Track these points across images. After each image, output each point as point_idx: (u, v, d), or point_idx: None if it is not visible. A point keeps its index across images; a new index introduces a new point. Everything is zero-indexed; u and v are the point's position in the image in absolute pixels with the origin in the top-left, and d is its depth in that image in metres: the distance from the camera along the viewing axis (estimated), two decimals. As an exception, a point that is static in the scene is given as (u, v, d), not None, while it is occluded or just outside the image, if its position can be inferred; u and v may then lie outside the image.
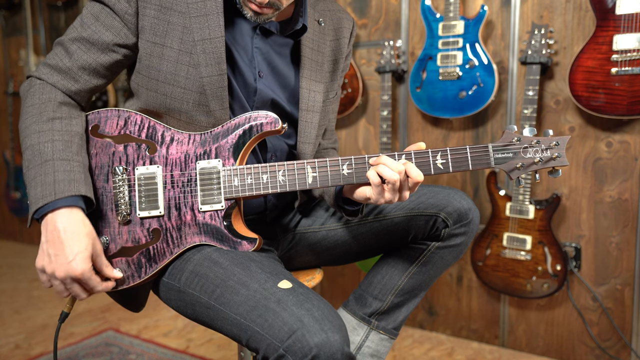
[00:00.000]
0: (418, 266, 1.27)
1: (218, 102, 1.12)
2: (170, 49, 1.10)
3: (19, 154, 3.95)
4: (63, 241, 1.00)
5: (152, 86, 1.13)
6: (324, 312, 0.92)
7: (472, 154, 1.08)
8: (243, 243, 1.10)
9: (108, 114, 1.14)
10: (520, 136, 1.09)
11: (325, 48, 1.27)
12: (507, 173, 1.10)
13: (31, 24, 3.61)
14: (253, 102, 1.20)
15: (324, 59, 1.27)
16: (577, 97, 1.90)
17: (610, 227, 2.01)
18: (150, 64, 1.12)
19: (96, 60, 1.12)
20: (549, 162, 1.08)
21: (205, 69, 1.10)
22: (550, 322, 2.16)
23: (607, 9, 1.82)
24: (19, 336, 2.38)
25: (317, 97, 1.26)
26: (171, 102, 1.12)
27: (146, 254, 1.11)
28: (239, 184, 1.09)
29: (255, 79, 1.19)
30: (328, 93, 1.30)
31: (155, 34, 1.10)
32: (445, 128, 2.30)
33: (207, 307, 1.03)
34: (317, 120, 1.26)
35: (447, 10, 2.10)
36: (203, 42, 1.10)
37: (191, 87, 1.11)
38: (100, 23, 1.11)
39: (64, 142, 1.07)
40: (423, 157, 1.08)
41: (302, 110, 1.23)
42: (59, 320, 1.13)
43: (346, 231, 1.30)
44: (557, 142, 1.07)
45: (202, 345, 2.27)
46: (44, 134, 1.06)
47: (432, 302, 2.42)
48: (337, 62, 1.31)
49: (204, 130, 1.14)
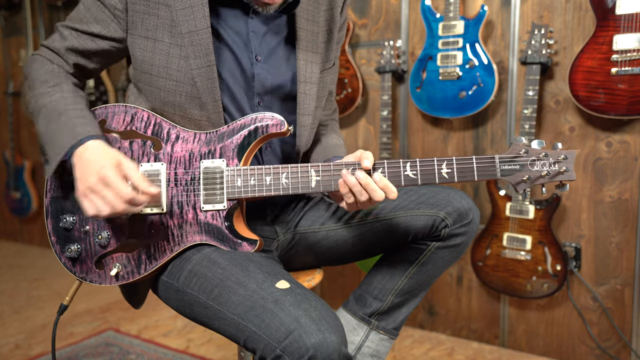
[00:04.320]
0: (418, 266, 1.27)
1: (209, 94, 1.13)
2: (162, 42, 1.12)
3: (19, 153, 3.95)
4: (93, 160, 1.02)
5: (148, 80, 1.15)
6: (322, 313, 0.92)
7: (478, 164, 1.07)
8: (243, 244, 1.10)
9: (115, 110, 1.16)
10: (528, 148, 1.07)
11: (320, 18, 1.27)
12: (513, 185, 1.08)
13: (31, 24, 3.62)
14: (252, 89, 1.20)
15: (319, 29, 1.27)
16: (577, 97, 1.90)
17: (610, 227, 2.01)
18: (144, 59, 1.14)
19: (83, 45, 1.17)
20: (557, 176, 1.06)
21: (194, 61, 1.11)
22: (550, 322, 2.15)
23: (607, 9, 1.82)
24: (19, 336, 2.38)
25: (314, 68, 1.25)
26: (165, 95, 1.14)
27: (147, 250, 1.12)
28: (241, 185, 1.09)
29: (252, 64, 1.19)
30: (324, 64, 1.29)
31: (146, 28, 1.12)
32: (445, 128, 2.30)
33: (205, 307, 1.03)
34: (314, 91, 1.25)
35: (447, 10, 2.10)
36: (190, 34, 1.11)
37: (183, 79, 1.12)
38: (92, 15, 1.16)
39: (72, 97, 1.14)
40: (427, 166, 1.07)
41: (300, 82, 1.23)
42: (57, 312, 1.13)
43: (346, 231, 1.30)
44: (565, 156, 1.05)
45: (202, 345, 2.27)
46: (54, 93, 1.13)
47: (432, 302, 2.42)
48: (332, 31, 1.30)
49: (198, 125, 1.14)
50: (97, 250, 1.14)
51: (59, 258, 1.16)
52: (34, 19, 3.66)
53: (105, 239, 1.12)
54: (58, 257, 1.17)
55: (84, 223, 1.14)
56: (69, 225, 1.15)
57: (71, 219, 1.15)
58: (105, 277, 1.14)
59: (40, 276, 3.29)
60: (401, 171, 1.08)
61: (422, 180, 1.08)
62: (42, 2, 3.60)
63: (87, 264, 1.15)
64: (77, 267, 1.16)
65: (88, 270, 1.15)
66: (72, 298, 1.15)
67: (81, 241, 1.15)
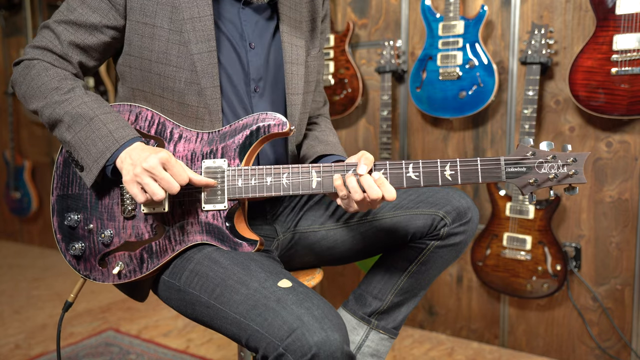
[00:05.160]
0: (417, 265, 1.27)
1: (209, 79, 1.13)
2: (161, 28, 1.12)
3: (19, 153, 3.95)
4: (147, 150, 1.04)
5: (146, 66, 1.14)
6: (324, 311, 0.92)
7: (482, 166, 1.04)
8: (243, 245, 1.10)
9: (120, 109, 1.16)
10: (535, 150, 1.03)
11: (302, 8, 1.30)
12: (520, 189, 1.05)
13: (31, 24, 3.62)
14: (248, 75, 1.21)
15: (302, 17, 1.29)
16: (577, 97, 1.90)
17: (610, 227, 2.01)
18: (142, 45, 1.13)
19: (83, 41, 1.15)
20: (566, 179, 1.02)
21: (195, 46, 1.12)
22: (550, 322, 2.16)
23: (607, 9, 1.82)
24: (19, 336, 2.38)
25: (300, 51, 1.27)
26: (165, 81, 1.14)
27: (149, 249, 1.12)
28: (242, 185, 1.09)
29: (247, 52, 1.20)
30: (310, 50, 1.31)
31: (145, 14, 1.12)
32: (445, 128, 2.30)
33: (207, 306, 1.03)
34: (302, 72, 1.27)
35: (447, 10, 2.10)
36: (192, 20, 1.12)
37: (182, 64, 1.12)
38: (87, 5, 1.13)
39: (94, 101, 1.12)
40: (430, 167, 1.06)
41: (287, 63, 1.25)
42: (62, 309, 1.15)
43: (345, 231, 1.30)
44: (574, 159, 1.02)
45: (202, 345, 2.27)
46: (73, 100, 1.11)
47: (432, 302, 2.42)
48: (315, 21, 1.33)
49: (195, 112, 1.14)
50: (100, 249, 1.15)
51: (64, 256, 1.17)
52: (34, 19, 3.66)
53: (108, 237, 1.13)
54: (63, 255, 1.17)
55: (88, 221, 1.15)
56: (74, 223, 1.15)
57: (76, 217, 1.15)
58: (108, 275, 1.15)
59: (40, 276, 3.29)
60: (403, 173, 1.06)
61: (424, 182, 1.06)
62: (42, 2, 3.60)
63: (91, 261, 1.16)
64: (82, 265, 1.16)
65: (92, 268, 1.16)
66: (77, 295, 1.16)
67: (85, 239, 1.15)
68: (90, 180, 1.09)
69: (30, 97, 1.13)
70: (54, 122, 1.11)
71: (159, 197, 1.00)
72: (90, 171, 1.08)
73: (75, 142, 1.08)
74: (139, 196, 1.02)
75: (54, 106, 1.10)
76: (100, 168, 1.07)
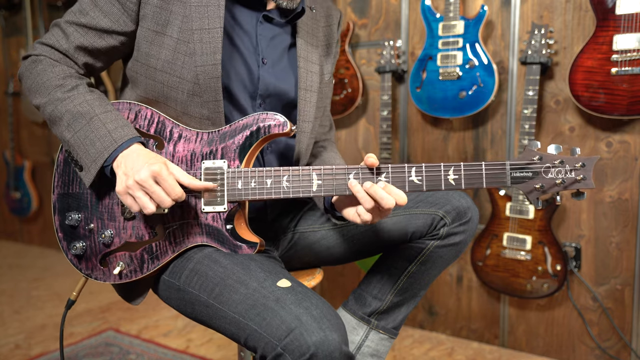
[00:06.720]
0: (417, 265, 1.27)
1: (211, 93, 1.12)
2: (170, 37, 1.11)
3: (19, 153, 3.95)
4: (143, 156, 1.04)
5: (151, 74, 1.14)
6: (323, 311, 0.92)
7: (487, 171, 1.01)
8: (243, 247, 1.09)
9: (119, 107, 1.16)
10: (542, 154, 1.00)
11: (319, 32, 1.30)
12: (525, 194, 1.02)
13: (31, 24, 3.61)
14: (257, 90, 1.20)
15: (318, 42, 1.29)
16: (577, 97, 1.90)
17: (610, 227, 2.01)
18: (149, 52, 1.13)
19: (92, 44, 1.14)
20: (573, 184, 0.98)
21: (200, 58, 1.10)
22: (550, 322, 2.15)
23: (607, 9, 1.82)
24: (19, 336, 2.38)
25: (314, 77, 1.27)
26: (168, 90, 1.13)
27: (149, 250, 1.12)
28: (242, 187, 1.08)
29: (259, 66, 1.19)
30: (323, 75, 1.31)
31: (157, 22, 1.11)
32: (445, 128, 2.30)
33: (206, 305, 1.03)
34: (315, 99, 1.27)
35: (447, 10, 2.10)
36: (201, 31, 1.10)
37: (186, 76, 1.11)
38: (99, 9, 1.13)
39: (95, 99, 1.12)
40: (434, 172, 1.03)
41: (301, 89, 1.24)
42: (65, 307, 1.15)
43: (345, 230, 1.30)
44: (583, 164, 0.99)
45: (202, 345, 2.27)
46: (74, 98, 1.10)
47: (432, 302, 2.42)
48: (330, 46, 1.34)
49: (199, 122, 1.13)
50: (101, 249, 1.15)
51: (66, 254, 1.17)
52: (34, 19, 3.66)
53: (109, 237, 1.13)
54: (65, 253, 1.17)
55: (89, 221, 1.15)
56: (75, 222, 1.15)
57: (76, 216, 1.15)
58: (110, 274, 1.15)
59: (40, 276, 3.29)
60: (406, 176, 1.04)
61: (427, 186, 1.03)
62: (42, 2, 3.60)
63: (92, 261, 1.16)
64: (83, 264, 1.16)
65: (93, 268, 1.16)
66: (79, 293, 1.16)
67: (86, 239, 1.15)
68: (89, 181, 1.09)
69: (35, 92, 1.14)
70: (54, 119, 1.11)
71: (149, 211, 1.01)
72: (88, 171, 1.08)
73: (75, 142, 1.08)
74: (134, 207, 1.03)
75: (56, 103, 1.10)
76: (98, 169, 1.07)
